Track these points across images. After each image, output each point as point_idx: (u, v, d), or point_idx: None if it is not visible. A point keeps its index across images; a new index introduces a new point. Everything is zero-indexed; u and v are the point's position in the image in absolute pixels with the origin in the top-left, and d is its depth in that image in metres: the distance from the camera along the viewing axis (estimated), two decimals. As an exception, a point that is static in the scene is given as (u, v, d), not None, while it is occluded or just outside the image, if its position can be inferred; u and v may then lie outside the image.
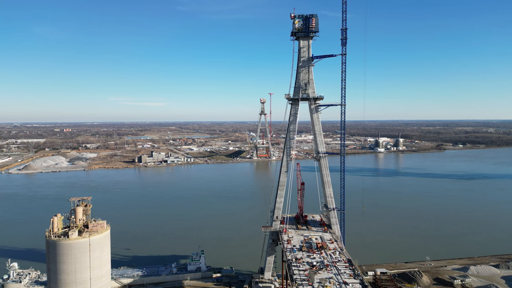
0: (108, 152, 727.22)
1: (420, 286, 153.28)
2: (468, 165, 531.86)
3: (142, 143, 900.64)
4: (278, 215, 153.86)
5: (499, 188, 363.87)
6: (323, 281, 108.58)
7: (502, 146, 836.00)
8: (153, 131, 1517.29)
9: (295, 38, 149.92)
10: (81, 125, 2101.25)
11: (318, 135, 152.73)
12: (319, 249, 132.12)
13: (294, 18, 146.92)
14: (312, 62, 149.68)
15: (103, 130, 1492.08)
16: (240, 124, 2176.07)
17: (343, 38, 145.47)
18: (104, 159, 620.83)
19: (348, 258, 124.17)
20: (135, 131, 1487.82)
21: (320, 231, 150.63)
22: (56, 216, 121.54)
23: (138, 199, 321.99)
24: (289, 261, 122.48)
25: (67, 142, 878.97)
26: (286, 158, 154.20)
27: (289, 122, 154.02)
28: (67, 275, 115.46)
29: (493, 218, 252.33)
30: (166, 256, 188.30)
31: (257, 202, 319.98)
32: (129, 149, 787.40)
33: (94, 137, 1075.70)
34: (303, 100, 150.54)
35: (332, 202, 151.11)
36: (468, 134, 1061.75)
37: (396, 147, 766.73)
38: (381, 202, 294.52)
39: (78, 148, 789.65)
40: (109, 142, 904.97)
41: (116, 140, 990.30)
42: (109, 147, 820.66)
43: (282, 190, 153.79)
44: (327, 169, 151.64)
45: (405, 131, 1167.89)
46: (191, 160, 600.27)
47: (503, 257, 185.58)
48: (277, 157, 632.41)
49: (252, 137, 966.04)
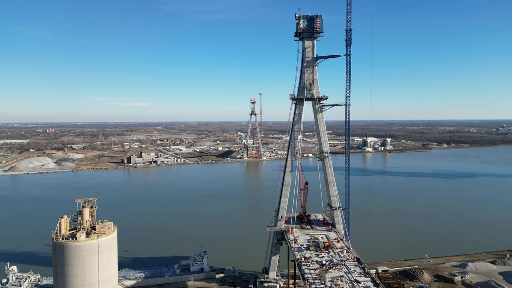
0: (95, 152, 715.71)
1: (422, 283, 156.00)
2: (455, 164, 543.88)
3: (129, 144, 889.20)
4: (283, 215, 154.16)
5: (487, 186, 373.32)
6: (335, 279, 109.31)
7: (485, 145, 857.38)
8: (139, 132, 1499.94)
9: (299, 38, 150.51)
10: (63, 125, 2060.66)
11: (322, 135, 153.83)
12: (326, 248, 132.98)
13: (299, 18, 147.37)
14: (316, 62, 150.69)
15: (88, 130, 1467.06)
16: (227, 124, 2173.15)
17: (348, 39, 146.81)
18: (92, 160, 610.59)
19: (357, 257, 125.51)
20: (120, 132, 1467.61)
21: (325, 230, 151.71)
22: (63, 217, 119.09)
23: (134, 200, 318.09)
24: (298, 260, 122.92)
25: (51, 143, 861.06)
26: (290, 158, 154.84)
27: (293, 122, 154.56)
28: (75, 277, 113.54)
29: (485, 216, 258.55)
30: (167, 257, 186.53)
31: (254, 202, 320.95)
32: (116, 149, 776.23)
33: (79, 138, 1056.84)
34: (307, 100, 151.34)
35: (336, 202, 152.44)
36: (451, 134, 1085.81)
37: (384, 146, 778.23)
38: (376, 202, 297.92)
39: (63, 148, 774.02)
40: (95, 143, 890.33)
41: (102, 140, 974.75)
42: (95, 147, 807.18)
43: (287, 190, 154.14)
44: (331, 168, 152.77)
45: (390, 131, 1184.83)
46: (181, 161, 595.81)
47: (498, 254, 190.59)
48: (267, 157, 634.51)
49: (241, 137, 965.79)
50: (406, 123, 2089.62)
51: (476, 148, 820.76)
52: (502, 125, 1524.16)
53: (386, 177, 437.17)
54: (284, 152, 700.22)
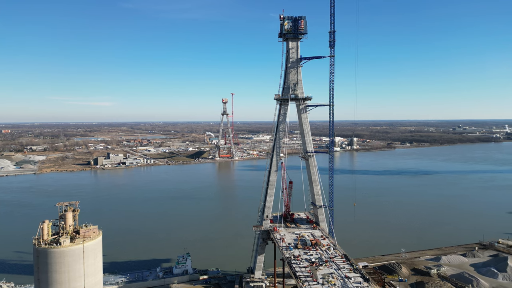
0: (58, 154, 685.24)
1: (401, 277, 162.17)
2: (419, 162, 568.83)
3: (94, 145, 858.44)
4: (268, 214, 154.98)
5: (451, 183, 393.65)
6: (326, 276, 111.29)
7: (444, 144, 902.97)
8: (103, 132, 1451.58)
9: (283, 39, 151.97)
10: (20, 125, 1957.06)
11: (306, 135, 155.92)
12: (314, 246, 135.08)
13: (284, 19, 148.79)
14: (300, 63, 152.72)
15: (47, 131, 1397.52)
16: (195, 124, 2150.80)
17: (331, 41, 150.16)
18: (55, 162, 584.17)
19: (344, 253, 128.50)
20: (83, 132, 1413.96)
21: (309, 229, 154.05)
22: (44, 222, 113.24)
23: (108, 203, 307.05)
24: (288, 259, 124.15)
25: (9, 144, 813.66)
26: (275, 158, 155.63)
27: (278, 122, 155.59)
28: (60, 284, 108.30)
29: (453, 211, 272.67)
30: (148, 260, 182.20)
31: (230, 202, 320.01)
32: (80, 151, 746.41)
33: (38, 139, 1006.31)
34: (292, 100, 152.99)
35: (320, 200, 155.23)
36: (413, 133, 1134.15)
37: (351, 146, 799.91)
38: (351, 199, 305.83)
39: (23, 150, 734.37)
40: (57, 144, 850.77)
41: (64, 141, 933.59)
42: (58, 149, 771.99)
43: (272, 189, 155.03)
44: (315, 167, 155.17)
45: (356, 130, 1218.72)
46: (150, 162, 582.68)
47: (467, 247, 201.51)
48: (239, 158, 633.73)
49: (211, 137, 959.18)
50: (370, 123, 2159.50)
51: (436, 146, 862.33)
52: (458, 125, 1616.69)
53: (357, 176, 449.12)
54: (255, 152, 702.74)
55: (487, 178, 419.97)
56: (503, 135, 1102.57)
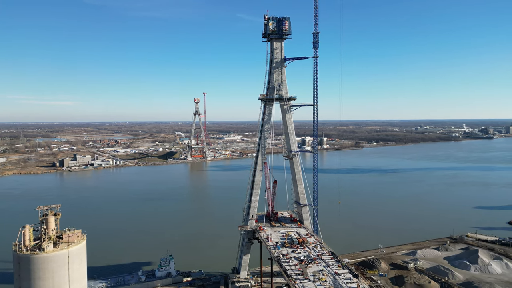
0: (19, 156, 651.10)
1: (381, 272, 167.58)
2: (387, 161, 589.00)
3: (58, 146, 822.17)
4: (254, 214, 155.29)
5: (417, 180, 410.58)
6: (316, 273, 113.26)
7: (408, 143, 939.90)
8: (66, 132, 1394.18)
9: (267, 39, 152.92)
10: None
11: (291, 134, 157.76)
12: (301, 244, 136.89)
13: (268, 20, 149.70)
14: (284, 64, 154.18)
15: (5, 131, 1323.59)
16: (163, 124, 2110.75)
17: (315, 42, 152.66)
18: (17, 164, 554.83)
19: (331, 251, 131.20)
20: (44, 133, 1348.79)
21: (294, 227, 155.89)
22: (25, 227, 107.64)
23: (80, 206, 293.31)
24: (277, 257, 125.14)
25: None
26: (260, 157, 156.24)
27: (263, 122, 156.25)
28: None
29: (422, 207, 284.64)
30: (129, 263, 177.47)
31: (208, 204, 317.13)
32: (43, 152, 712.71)
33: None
34: (276, 100, 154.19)
35: (304, 199, 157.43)
36: (379, 133, 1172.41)
37: (321, 145, 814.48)
38: (327, 197, 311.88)
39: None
40: (17, 145, 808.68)
41: (24, 142, 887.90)
42: (18, 150, 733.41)
43: (257, 189, 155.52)
44: (299, 167, 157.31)
45: (324, 130, 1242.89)
46: (120, 163, 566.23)
47: (439, 241, 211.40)
48: (212, 158, 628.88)
49: (181, 137, 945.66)
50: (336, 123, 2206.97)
51: (401, 145, 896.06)
52: (419, 124, 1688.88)
53: (330, 175, 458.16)
54: (228, 152, 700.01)
55: (451, 175, 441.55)
56: (462, 134, 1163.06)
